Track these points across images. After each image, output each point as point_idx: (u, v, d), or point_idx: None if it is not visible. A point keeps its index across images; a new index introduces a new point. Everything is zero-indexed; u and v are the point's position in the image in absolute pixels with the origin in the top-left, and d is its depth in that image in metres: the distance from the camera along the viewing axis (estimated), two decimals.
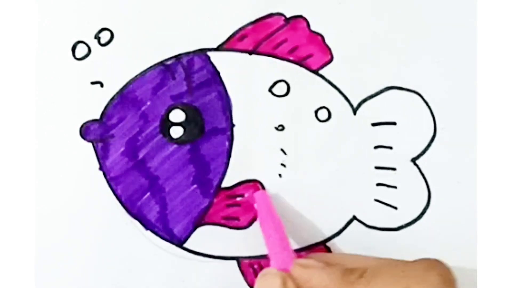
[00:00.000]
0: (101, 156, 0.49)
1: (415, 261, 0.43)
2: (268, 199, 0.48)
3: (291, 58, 0.49)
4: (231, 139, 0.49)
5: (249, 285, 0.49)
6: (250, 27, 0.49)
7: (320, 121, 0.49)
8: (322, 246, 0.49)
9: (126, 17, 0.48)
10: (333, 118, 0.49)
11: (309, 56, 0.49)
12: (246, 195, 0.49)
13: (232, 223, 0.49)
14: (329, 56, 0.49)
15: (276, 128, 0.49)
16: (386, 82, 0.49)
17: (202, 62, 0.49)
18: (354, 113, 0.49)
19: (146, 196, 0.49)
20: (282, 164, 0.49)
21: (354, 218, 0.49)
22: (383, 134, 0.49)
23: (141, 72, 0.49)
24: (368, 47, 0.49)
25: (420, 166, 0.49)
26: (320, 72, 0.49)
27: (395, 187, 0.49)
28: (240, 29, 0.49)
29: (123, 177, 0.49)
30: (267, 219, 0.47)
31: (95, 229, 0.48)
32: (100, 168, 0.49)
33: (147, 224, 0.49)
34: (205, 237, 0.49)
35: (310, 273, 0.43)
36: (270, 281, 0.44)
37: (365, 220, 0.49)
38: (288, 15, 0.49)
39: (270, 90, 0.49)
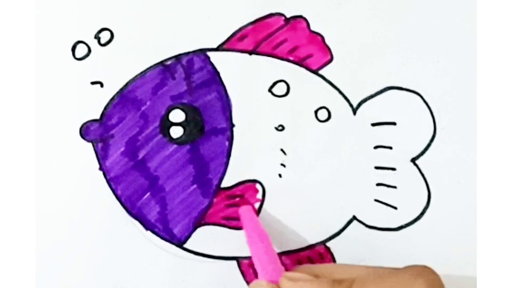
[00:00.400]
0: (101, 156, 0.48)
1: (402, 269, 0.43)
2: (253, 213, 0.48)
3: (291, 58, 0.49)
4: (231, 139, 0.49)
5: (249, 285, 0.49)
6: (250, 27, 0.49)
7: (320, 121, 0.49)
8: (322, 246, 0.49)
9: (126, 17, 0.48)
10: (333, 118, 0.49)
11: (309, 56, 0.49)
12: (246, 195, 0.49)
13: (232, 223, 0.49)
14: (329, 56, 0.49)
15: (276, 128, 0.49)
16: (386, 82, 0.49)
17: (202, 62, 0.49)
18: (354, 113, 0.49)
19: (146, 196, 0.49)
20: (282, 164, 0.49)
21: (354, 218, 0.49)
22: (383, 134, 0.49)
23: (141, 72, 0.49)
24: (368, 47, 0.49)
25: (420, 166, 0.49)
26: (320, 72, 0.49)
27: (395, 187, 0.49)
28: (240, 29, 0.49)
29: (123, 177, 0.49)
30: (254, 233, 0.47)
31: (95, 229, 0.48)
32: (100, 168, 0.49)
33: (147, 224, 0.49)
34: (205, 237, 0.49)
35: (299, 285, 0.43)
36: None
37: (365, 220, 0.49)
38: (288, 15, 0.49)
39: (270, 90, 0.49)
